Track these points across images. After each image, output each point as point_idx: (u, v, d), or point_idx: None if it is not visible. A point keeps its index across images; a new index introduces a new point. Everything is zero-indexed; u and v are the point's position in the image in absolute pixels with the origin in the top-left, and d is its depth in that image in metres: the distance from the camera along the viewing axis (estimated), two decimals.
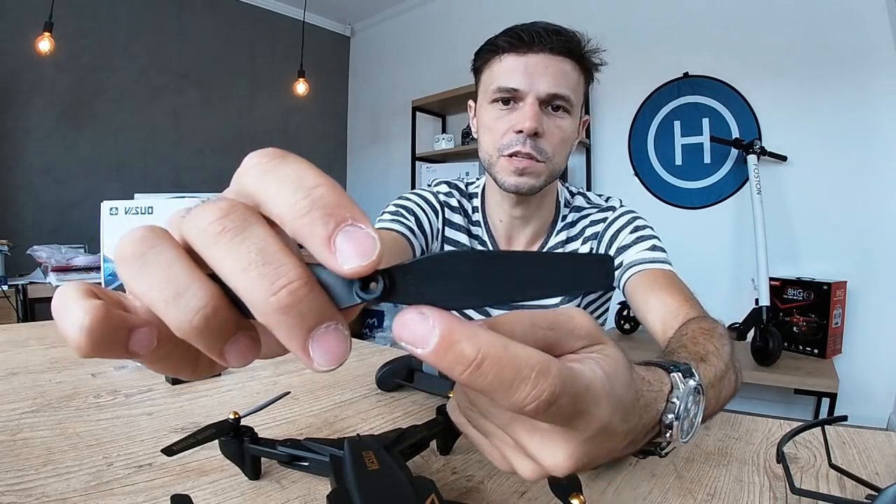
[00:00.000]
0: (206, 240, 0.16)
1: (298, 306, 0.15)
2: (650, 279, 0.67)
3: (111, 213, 1.16)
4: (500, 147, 0.70)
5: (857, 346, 2.14)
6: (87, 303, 0.16)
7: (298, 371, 0.69)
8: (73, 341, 0.16)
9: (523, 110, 0.67)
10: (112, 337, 0.16)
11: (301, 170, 0.16)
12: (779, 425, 0.50)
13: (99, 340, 0.16)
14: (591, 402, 0.20)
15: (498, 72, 0.69)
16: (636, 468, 0.41)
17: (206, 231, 0.16)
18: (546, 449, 0.21)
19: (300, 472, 0.38)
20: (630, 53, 2.68)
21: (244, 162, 0.17)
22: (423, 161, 3.25)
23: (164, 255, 0.17)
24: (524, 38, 0.66)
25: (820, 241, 2.24)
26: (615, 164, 2.82)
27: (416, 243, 0.77)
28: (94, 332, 0.15)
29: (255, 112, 3.69)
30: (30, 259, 2.21)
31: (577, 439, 0.21)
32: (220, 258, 0.16)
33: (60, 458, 0.40)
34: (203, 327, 0.16)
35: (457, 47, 3.54)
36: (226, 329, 0.16)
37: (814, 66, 2.21)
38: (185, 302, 0.16)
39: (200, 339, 0.16)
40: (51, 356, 0.76)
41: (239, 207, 0.17)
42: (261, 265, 0.15)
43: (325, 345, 0.16)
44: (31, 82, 2.74)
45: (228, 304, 0.16)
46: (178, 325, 0.16)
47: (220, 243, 0.16)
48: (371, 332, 3.54)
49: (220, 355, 0.17)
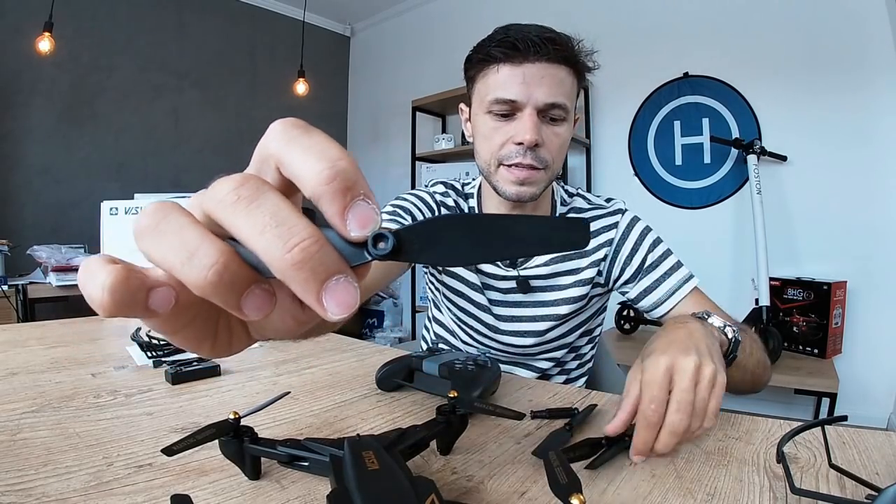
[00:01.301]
0: (224, 209, 0.18)
1: (311, 262, 0.17)
2: (688, 308, 0.72)
3: (111, 213, 1.17)
4: (500, 157, 0.70)
5: (857, 346, 2.14)
6: (109, 266, 0.18)
7: (298, 371, 0.69)
8: (96, 300, 0.17)
9: (522, 122, 0.67)
10: (132, 296, 0.17)
11: (325, 141, 0.19)
12: (779, 425, 0.50)
13: (121, 299, 0.17)
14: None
15: (494, 83, 0.69)
16: (636, 468, 0.41)
17: (223, 201, 0.18)
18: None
19: (300, 472, 0.38)
20: (630, 53, 2.68)
21: (270, 127, 0.19)
22: (422, 161, 3.25)
23: (176, 222, 0.18)
24: (519, 48, 0.66)
25: (820, 241, 2.24)
26: (615, 164, 2.82)
27: None
28: (116, 291, 0.17)
29: (255, 112, 3.69)
30: (30, 259, 2.21)
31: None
32: (239, 224, 0.18)
33: (60, 458, 0.40)
34: (217, 282, 0.17)
35: (457, 47, 3.52)
36: (238, 282, 0.18)
37: (814, 65, 2.21)
38: (198, 260, 0.17)
39: (216, 293, 0.18)
40: (51, 356, 0.76)
41: (252, 178, 0.18)
42: (275, 227, 0.17)
43: (337, 296, 0.17)
44: (31, 82, 2.74)
45: (239, 260, 0.18)
46: (194, 282, 0.17)
47: (237, 210, 0.18)
48: (371, 332, 3.54)
49: (237, 308, 0.18)
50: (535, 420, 0.51)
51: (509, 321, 0.82)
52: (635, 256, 0.77)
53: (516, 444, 0.45)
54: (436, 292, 0.90)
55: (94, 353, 0.78)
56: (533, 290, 0.80)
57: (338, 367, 0.71)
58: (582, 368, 0.90)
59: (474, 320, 0.84)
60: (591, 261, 0.79)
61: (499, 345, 0.84)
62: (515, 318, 0.81)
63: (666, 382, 0.42)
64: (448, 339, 0.92)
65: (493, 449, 0.44)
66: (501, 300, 0.81)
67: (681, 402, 0.41)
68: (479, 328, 0.84)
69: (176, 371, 0.62)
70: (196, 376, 0.64)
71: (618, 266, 0.78)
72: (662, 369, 0.43)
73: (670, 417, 0.41)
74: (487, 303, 0.82)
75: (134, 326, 0.88)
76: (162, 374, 0.65)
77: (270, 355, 0.78)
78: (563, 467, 0.29)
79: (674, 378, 0.42)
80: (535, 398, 0.59)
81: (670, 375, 0.43)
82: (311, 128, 0.19)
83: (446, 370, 0.55)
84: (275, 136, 0.19)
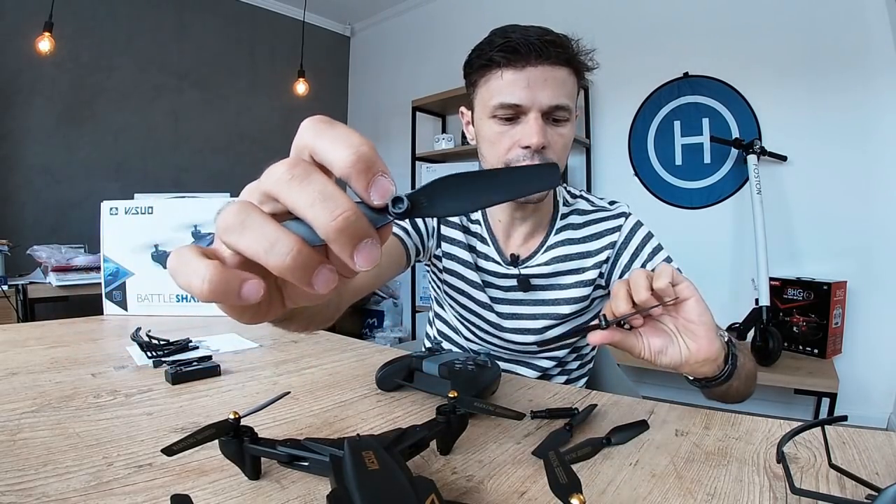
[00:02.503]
0: (280, 187, 0.23)
1: (350, 228, 0.22)
2: None
3: (111, 213, 1.16)
4: (507, 161, 0.71)
5: (857, 346, 2.14)
6: (206, 260, 0.22)
7: (298, 371, 0.69)
8: (196, 290, 0.22)
9: (528, 125, 0.68)
10: (229, 286, 0.22)
11: (347, 131, 0.23)
12: (779, 425, 0.50)
13: (219, 289, 0.22)
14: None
15: (497, 87, 0.69)
16: (636, 468, 0.41)
17: (279, 180, 0.23)
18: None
19: (300, 472, 0.38)
20: (630, 53, 2.68)
21: (301, 125, 0.24)
22: (423, 161, 3.25)
23: (257, 219, 0.23)
24: (521, 52, 0.66)
25: (820, 241, 2.24)
26: (615, 164, 2.82)
27: (410, 242, 0.80)
28: (215, 283, 0.22)
29: (255, 112, 3.69)
30: (30, 259, 2.21)
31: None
32: (294, 198, 0.22)
33: (60, 458, 0.40)
34: (293, 265, 0.22)
35: (457, 47, 3.52)
36: (310, 263, 0.23)
37: (814, 65, 2.21)
38: (277, 249, 0.22)
39: (294, 274, 0.22)
40: (51, 356, 0.76)
41: (301, 161, 0.23)
42: (322, 201, 0.22)
43: (366, 254, 0.23)
44: (31, 82, 2.74)
45: (308, 246, 0.23)
46: (276, 266, 0.22)
47: (291, 188, 0.22)
48: (371, 332, 3.54)
49: (309, 285, 0.23)
50: (535, 420, 0.51)
51: (511, 319, 0.82)
52: (635, 262, 0.78)
53: (516, 444, 0.45)
54: (438, 290, 0.91)
55: (94, 353, 0.78)
56: (533, 289, 0.80)
57: (338, 367, 0.71)
58: (583, 369, 0.90)
59: (477, 318, 0.84)
60: (595, 262, 0.79)
61: (501, 342, 0.84)
62: (516, 315, 0.82)
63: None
64: (451, 336, 0.92)
65: (493, 449, 0.44)
66: (503, 298, 0.82)
67: (660, 274, 0.48)
68: (482, 325, 0.84)
69: (176, 371, 0.62)
70: (196, 376, 0.64)
71: (617, 270, 0.79)
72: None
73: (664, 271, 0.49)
74: (489, 300, 0.82)
75: (134, 326, 0.88)
76: (162, 374, 0.65)
77: (270, 355, 0.78)
78: (564, 467, 0.29)
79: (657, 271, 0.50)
80: (535, 398, 0.59)
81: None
82: (334, 122, 0.24)
83: (446, 370, 0.55)
84: (306, 130, 0.24)
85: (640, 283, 0.48)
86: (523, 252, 0.82)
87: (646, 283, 0.48)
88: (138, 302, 1.16)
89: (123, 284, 1.16)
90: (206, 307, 1.14)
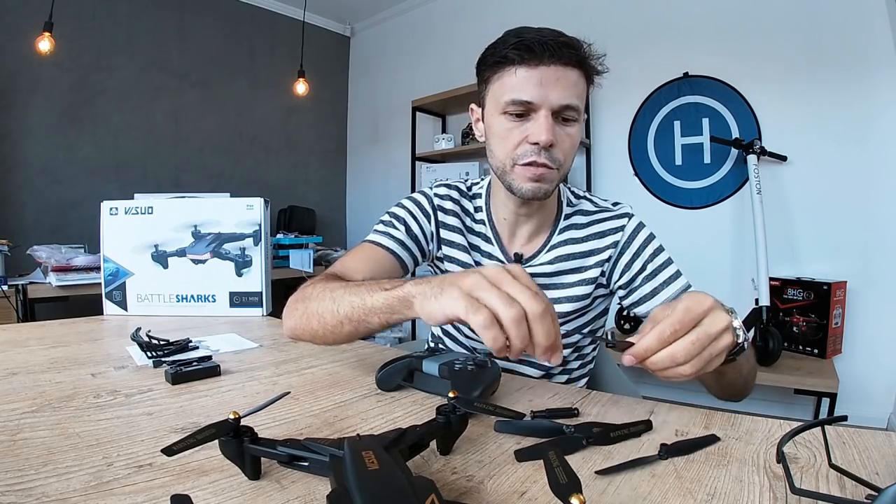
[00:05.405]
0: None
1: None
2: None
3: (111, 213, 1.16)
4: (515, 157, 0.72)
5: (857, 346, 2.14)
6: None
7: (298, 371, 0.69)
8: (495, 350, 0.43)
9: (538, 123, 0.69)
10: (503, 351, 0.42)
11: (528, 282, 0.38)
12: (779, 425, 0.50)
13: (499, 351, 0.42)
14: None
15: (510, 84, 0.70)
16: (636, 468, 0.41)
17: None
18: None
19: (300, 472, 0.38)
20: (630, 53, 2.68)
21: (487, 266, 0.35)
22: (423, 161, 3.25)
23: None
24: (535, 50, 0.67)
25: (820, 241, 2.23)
26: (615, 164, 2.82)
27: (406, 254, 0.83)
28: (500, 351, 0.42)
29: (255, 112, 3.69)
30: (30, 259, 2.21)
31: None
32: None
33: (60, 458, 0.40)
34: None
35: (457, 47, 3.54)
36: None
37: (814, 65, 2.21)
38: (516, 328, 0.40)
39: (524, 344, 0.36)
40: (51, 356, 0.76)
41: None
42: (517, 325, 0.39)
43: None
44: (31, 82, 2.74)
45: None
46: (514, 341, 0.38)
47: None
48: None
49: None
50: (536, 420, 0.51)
51: None
52: (635, 263, 0.79)
53: (516, 444, 0.45)
54: None
55: (94, 353, 0.78)
56: None
57: (338, 367, 0.71)
58: (584, 369, 0.90)
59: None
60: (597, 260, 0.80)
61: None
62: None
63: (698, 319, 0.45)
64: (454, 334, 0.93)
65: (493, 449, 0.44)
66: None
67: (698, 340, 0.44)
68: None
69: (176, 371, 0.62)
70: (196, 376, 0.64)
71: (618, 270, 0.80)
72: (706, 307, 0.46)
73: (681, 344, 0.44)
74: None
75: (134, 326, 0.88)
76: (162, 374, 0.65)
77: (270, 355, 0.78)
78: (563, 467, 0.29)
79: (705, 320, 0.45)
80: (535, 398, 0.59)
81: (704, 316, 0.45)
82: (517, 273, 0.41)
83: (446, 370, 0.55)
84: (493, 274, 0.38)
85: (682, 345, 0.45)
86: (527, 251, 0.82)
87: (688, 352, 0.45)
88: (138, 302, 1.16)
89: (123, 284, 1.16)
90: (206, 307, 1.14)
